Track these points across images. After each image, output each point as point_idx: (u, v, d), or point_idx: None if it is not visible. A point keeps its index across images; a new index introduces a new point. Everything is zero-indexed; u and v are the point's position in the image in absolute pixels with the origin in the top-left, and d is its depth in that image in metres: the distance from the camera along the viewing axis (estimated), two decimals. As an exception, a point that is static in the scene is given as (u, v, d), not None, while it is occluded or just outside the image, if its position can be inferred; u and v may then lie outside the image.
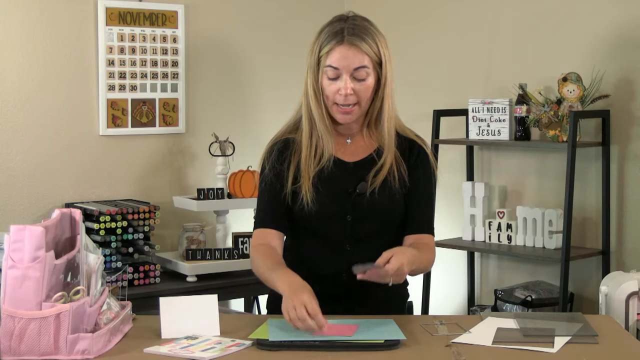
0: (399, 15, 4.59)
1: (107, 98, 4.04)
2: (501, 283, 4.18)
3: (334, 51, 2.39)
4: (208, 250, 3.94)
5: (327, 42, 2.40)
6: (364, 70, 2.40)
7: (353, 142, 2.53)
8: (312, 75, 2.43)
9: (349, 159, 2.50)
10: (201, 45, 4.31)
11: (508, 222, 4.01)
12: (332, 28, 2.42)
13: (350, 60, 2.38)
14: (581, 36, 3.90)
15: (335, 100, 2.42)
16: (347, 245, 2.46)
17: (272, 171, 2.50)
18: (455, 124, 4.27)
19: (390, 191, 2.47)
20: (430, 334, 2.23)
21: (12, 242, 2.01)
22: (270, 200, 2.49)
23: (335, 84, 2.40)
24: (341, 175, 2.47)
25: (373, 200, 2.45)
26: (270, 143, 2.55)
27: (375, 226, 2.48)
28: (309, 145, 2.46)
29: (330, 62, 2.39)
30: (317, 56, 2.42)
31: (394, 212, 2.49)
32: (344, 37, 2.38)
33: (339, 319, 2.31)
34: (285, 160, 2.50)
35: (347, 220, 2.45)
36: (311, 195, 2.43)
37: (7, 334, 1.98)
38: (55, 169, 3.94)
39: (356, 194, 2.45)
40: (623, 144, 3.80)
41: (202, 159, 4.27)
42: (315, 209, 2.43)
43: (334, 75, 2.40)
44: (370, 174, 2.46)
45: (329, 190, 2.45)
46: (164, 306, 2.22)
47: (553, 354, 2.07)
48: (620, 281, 3.29)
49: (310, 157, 2.46)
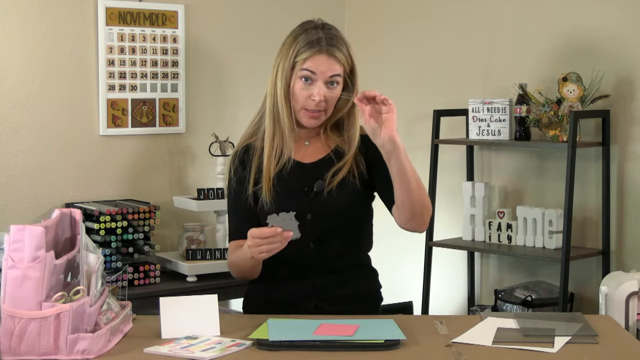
0: (399, 15, 4.58)
1: (107, 98, 4.04)
2: (501, 283, 4.18)
3: (313, 59, 2.47)
4: (208, 250, 3.94)
5: (306, 49, 2.48)
6: (337, 78, 2.50)
7: (311, 144, 2.60)
8: (284, 79, 2.50)
9: (307, 160, 2.57)
10: (201, 45, 4.31)
11: (508, 222, 4.01)
12: (309, 36, 2.49)
13: (327, 68, 2.48)
14: (581, 36, 3.90)
15: (305, 106, 2.50)
16: (311, 244, 2.50)
17: (236, 177, 2.56)
18: (455, 124, 4.27)
19: (350, 188, 2.52)
20: (430, 334, 2.23)
21: (12, 242, 2.01)
22: (241, 212, 2.55)
23: (308, 89, 2.48)
24: (299, 176, 2.53)
25: (331, 198, 2.50)
26: (233, 152, 2.63)
27: (336, 223, 2.52)
28: (271, 146, 2.52)
29: (307, 67, 2.47)
30: (292, 61, 2.49)
31: (355, 208, 2.55)
32: (323, 47, 2.47)
33: (335, 318, 2.31)
34: (246, 166, 2.56)
35: (307, 218, 2.49)
36: (270, 195, 2.49)
37: (7, 334, 1.98)
38: (55, 169, 3.94)
39: (314, 192, 2.51)
40: (623, 144, 3.80)
41: (202, 159, 4.27)
42: (275, 209, 2.46)
43: (309, 80, 2.48)
44: (329, 173, 2.52)
45: (287, 190, 2.51)
46: (164, 306, 2.22)
47: (553, 354, 2.07)
48: (620, 281, 3.29)
49: (272, 158, 2.51)
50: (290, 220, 2.28)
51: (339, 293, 2.54)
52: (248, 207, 2.54)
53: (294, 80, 2.49)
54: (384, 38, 4.59)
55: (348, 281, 2.56)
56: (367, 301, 2.62)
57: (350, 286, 2.56)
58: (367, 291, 2.63)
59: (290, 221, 2.27)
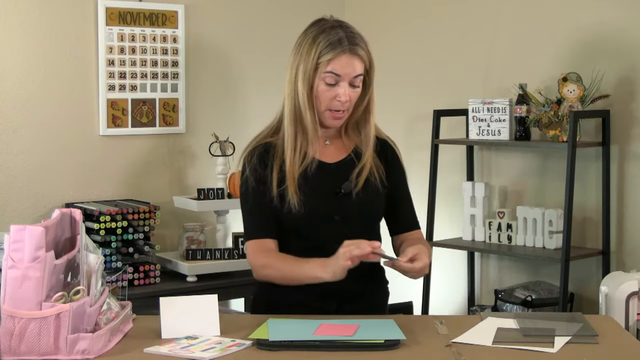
0: (399, 15, 4.59)
1: (107, 98, 4.04)
2: (501, 283, 4.18)
3: (337, 59, 2.44)
4: (208, 250, 3.94)
5: (328, 50, 2.45)
6: (359, 78, 2.49)
7: (332, 144, 2.58)
8: (306, 80, 2.47)
9: (330, 160, 2.55)
10: (201, 45, 4.31)
11: (508, 222, 4.01)
12: (330, 36, 2.46)
13: (352, 69, 2.45)
14: (581, 36, 3.90)
15: (330, 107, 2.48)
16: (336, 245, 2.48)
17: (254, 175, 2.51)
18: (455, 124, 4.27)
19: (373, 189, 2.53)
20: (430, 334, 2.23)
21: (12, 242, 2.01)
22: (259, 209, 2.50)
23: (332, 90, 2.46)
24: (324, 177, 2.51)
25: (359, 199, 2.51)
26: (250, 147, 2.57)
27: (361, 225, 2.53)
28: (294, 148, 2.49)
29: (332, 69, 2.44)
30: (315, 62, 2.45)
31: (379, 209, 2.58)
32: (346, 46, 2.45)
33: (336, 318, 2.31)
34: (267, 164, 2.52)
35: (334, 220, 2.49)
36: (297, 197, 2.46)
37: (7, 334, 1.98)
38: (55, 169, 3.94)
39: (342, 194, 2.50)
40: (623, 144, 3.80)
41: (202, 159, 4.27)
42: (303, 211, 2.45)
43: (333, 82, 2.45)
44: (353, 174, 2.52)
45: (314, 191, 2.49)
46: (164, 306, 2.22)
47: (553, 354, 2.07)
48: (620, 281, 3.29)
49: (296, 160, 2.49)
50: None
51: (359, 292, 2.54)
52: (273, 207, 2.48)
53: (317, 82, 2.46)
54: (384, 38, 4.59)
55: (367, 280, 2.56)
56: (379, 298, 2.63)
57: (369, 284, 2.57)
58: (380, 288, 2.64)
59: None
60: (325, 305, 2.47)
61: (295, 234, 2.51)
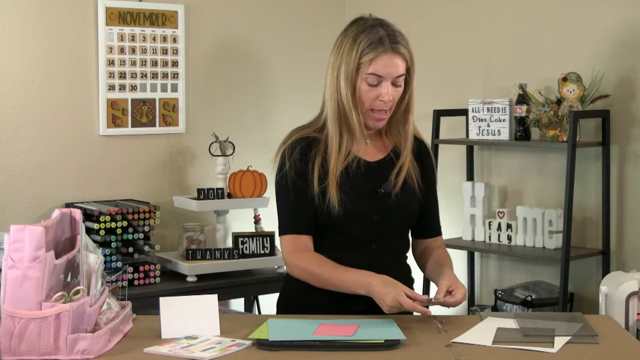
0: (399, 15, 4.56)
1: (107, 98, 4.04)
2: (501, 283, 4.18)
3: (379, 59, 2.41)
4: (208, 250, 3.94)
5: (370, 50, 2.41)
6: (402, 77, 2.45)
7: (372, 143, 2.55)
8: (349, 81, 2.42)
9: (370, 158, 2.53)
10: (201, 45, 4.31)
11: (508, 222, 4.01)
12: (371, 35, 2.43)
13: (394, 68, 2.42)
14: (581, 36, 3.90)
15: (373, 107, 2.45)
16: (373, 244, 2.50)
17: (294, 170, 2.46)
18: (455, 124, 4.27)
19: (411, 189, 2.53)
20: (430, 334, 2.23)
21: (12, 242, 2.01)
22: (298, 203, 2.46)
23: (375, 90, 2.42)
24: (365, 175, 2.49)
25: (398, 199, 2.49)
26: (290, 140, 2.50)
27: (399, 224, 2.54)
28: (339, 147, 2.46)
29: (374, 69, 2.41)
30: (356, 62, 2.41)
31: (414, 209, 2.57)
32: (387, 45, 2.42)
33: (342, 319, 2.31)
34: (309, 160, 2.47)
35: (373, 219, 2.48)
36: (338, 195, 2.43)
37: (7, 334, 1.98)
38: (55, 169, 3.94)
39: (382, 193, 2.49)
40: (623, 144, 3.80)
41: (202, 159, 4.27)
42: (343, 209, 2.43)
43: (376, 82, 2.42)
44: (393, 174, 2.50)
45: (355, 190, 2.47)
46: (164, 306, 2.22)
47: (553, 354, 2.07)
48: (620, 281, 3.29)
49: (340, 158, 2.46)
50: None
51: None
52: (312, 203, 2.45)
53: (359, 82, 2.42)
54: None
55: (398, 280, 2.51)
56: None
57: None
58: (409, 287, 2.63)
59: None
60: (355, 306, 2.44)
61: (332, 232, 2.48)
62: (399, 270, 2.58)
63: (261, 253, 4.02)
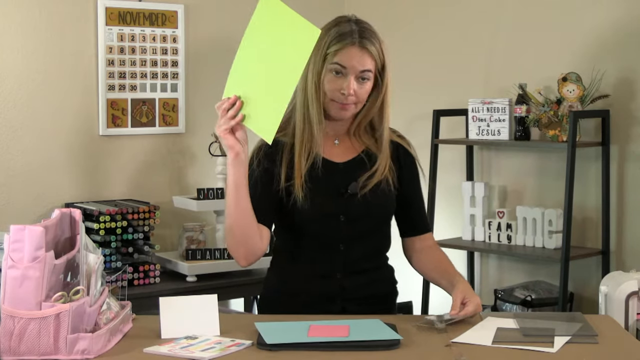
0: (399, 15, 4.58)
1: (107, 98, 4.04)
2: (501, 283, 4.18)
3: (344, 51, 2.40)
4: (208, 250, 3.94)
5: (338, 41, 2.41)
6: (368, 73, 2.43)
7: (341, 143, 2.54)
8: (315, 72, 2.42)
9: (338, 159, 2.52)
10: (201, 45, 4.31)
11: (508, 222, 4.01)
12: (341, 28, 2.43)
13: (359, 62, 2.41)
14: (581, 36, 3.90)
15: (334, 98, 2.43)
16: (341, 245, 2.48)
17: (260, 168, 2.47)
18: (455, 124, 4.27)
19: (382, 191, 2.50)
20: (430, 334, 2.23)
21: (12, 242, 2.01)
22: (258, 195, 2.43)
23: (337, 82, 2.41)
24: (331, 175, 2.48)
25: (365, 201, 2.47)
26: (257, 145, 2.52)
27: (367, 226, 2.50)
28: (301, 143, 2.45)
29: (338, 60, 2.40)
30: (323, 52, 2.41)
31: (387, 211, 2.55)
32: (355, 39, 2.41)
33: (328, 319, 2.29)
34: (275, 160, 2.48)
35: (340, 220, 2.47)
36: (302, 193, 2.43)
37: (6, 334, 1.98)
38: (55, 169, 3.94)
39: (348, 194, 2.47)
40: (623, 144, 3.80)
41: (202, 159, 4.27)
42: (308, 209, 2.43)
43: (340, 73, 2.41)
44: (363, 177, 2.48)
45: (320, 190, 2.46)
46: (163, 306, 2.22)
47: (553, 353, 2.07)
48: (620, 281, 3.29)
49: (302, 154, 2.45)
50: None
51: (365, 293, 2.52)
52: (276, 196, 2.45)
53: (324, 73, 2.41)
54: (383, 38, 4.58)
55: (373, 281, 2.55)
56: (388, 299, 2.62)
57: (376, 286, 2.56)
58: (390, 290, 2.63)
59: None
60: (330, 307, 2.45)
61: (301, 233, 2.48)
62: (379, 271, 2.58)
63: (261, 253, 4.02)
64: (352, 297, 2.49)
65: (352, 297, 2.50)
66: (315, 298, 2.46)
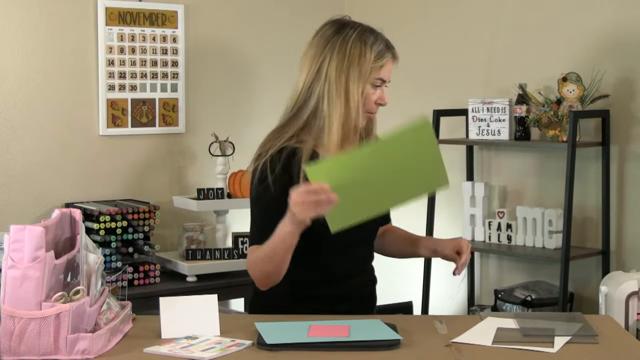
0: (399, 15, 4.58)
1: (107, 98, 4.04)
2: (501, 283, 4.18)
3: (388, 64, 2.50)
4: (208, 250, 3.94)
5: (381, 56, 2.48)
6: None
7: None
8: (360, 84, 2.46)
9: None
10: (201, 45, 4.31)
11: (508, 222, 4.01)
12: (379, 40, 2.50)
13: (391, 73, 2.53)
14: (581, 36, 3.90)
15: (370, 109, 2.50)
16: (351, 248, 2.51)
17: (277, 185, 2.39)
18: (455, 124, 4.27)
19: None
20: (430, 334, 2.23)
21: (12, 242, 2.01)
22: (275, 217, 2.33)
23: (376, 93, 2.49)
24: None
25: None
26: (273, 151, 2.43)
27: (373, 228, 2.58)
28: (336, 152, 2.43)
29: (383, 74, 2.48)
30: (370, 66, 2.46)
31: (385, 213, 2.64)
32: (391, 52, 2.51)
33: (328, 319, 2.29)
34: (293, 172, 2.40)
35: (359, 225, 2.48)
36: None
37: (7, 334, 1.98)
38: (55, 169, 3.94)
39: None
40: (623, 144, 3.80)
41: (202, 159, 4.27)
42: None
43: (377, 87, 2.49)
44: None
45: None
46: (164, 306, 2.22)
47: (553, 354, 2.07)
48: (620, 281, 3.29)
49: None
50: None
51: (366, 294, 2.59)
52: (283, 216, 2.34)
53: (366, 86, 2.47)
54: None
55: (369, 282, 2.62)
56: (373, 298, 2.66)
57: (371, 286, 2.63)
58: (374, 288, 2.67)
59: None
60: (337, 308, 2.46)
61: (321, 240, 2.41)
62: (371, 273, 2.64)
63: (261, 253, 4.02)
64: (357, 297, 2.55)
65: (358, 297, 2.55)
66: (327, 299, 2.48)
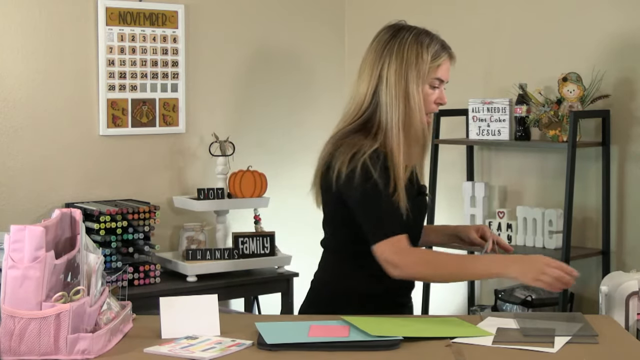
0: (399, 15, 4.56)
1: (107, 98, 4.04)
2: (501, 283, 4.18)
3: (445, 64, 2.53)
4: (208, 250, 3.94)
5: (438, 55, 2.52)
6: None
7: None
8: (419, 84, 2.48)
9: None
10: (201, 45, 4.31)
11: (508, 222, 4.01)
12: (435, 41, 2.54)
13: (449, 73, 2.56)
14: (581, 36, 3.90)
15: (430, 110, 2.53)
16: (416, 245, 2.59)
17: (383, 179, 2.41)
18: (455, 124, 4.27)
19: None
20: (430, 334, 2.23)
21: (12, 242, 2.01)
22: (392, 207, 2.41)
23: (434, 93, 2.52)
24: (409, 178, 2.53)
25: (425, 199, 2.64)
26: (370, 151, 2.43)
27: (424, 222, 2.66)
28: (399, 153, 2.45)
29: (440, 74, 2.52)
30: (428, 66, 2.49)
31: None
32: (448, 52, 2.54)
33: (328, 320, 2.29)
34: (389, 170, 2.44)
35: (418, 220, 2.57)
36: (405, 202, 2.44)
37: (7, 334, 1.98)
38: (55, 169, 3.94)
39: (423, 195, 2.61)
40: (623, 144, 3.80)
41: (202, 159, 4.27)
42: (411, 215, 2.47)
43: (436, 85, 2.52)
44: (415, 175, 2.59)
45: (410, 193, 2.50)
46: (164, 306, 2.22)
47: (553, 354, 2.08)
48: (620, 281, 3.28)
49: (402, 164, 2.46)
50: None
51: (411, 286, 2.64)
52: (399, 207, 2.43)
53: (424, 85, 2.50)
54: (384, 38, 4.58)
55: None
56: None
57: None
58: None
59: None
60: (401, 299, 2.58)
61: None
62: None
63: (261, 253, 4.02)
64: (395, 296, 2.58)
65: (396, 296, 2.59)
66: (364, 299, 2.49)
